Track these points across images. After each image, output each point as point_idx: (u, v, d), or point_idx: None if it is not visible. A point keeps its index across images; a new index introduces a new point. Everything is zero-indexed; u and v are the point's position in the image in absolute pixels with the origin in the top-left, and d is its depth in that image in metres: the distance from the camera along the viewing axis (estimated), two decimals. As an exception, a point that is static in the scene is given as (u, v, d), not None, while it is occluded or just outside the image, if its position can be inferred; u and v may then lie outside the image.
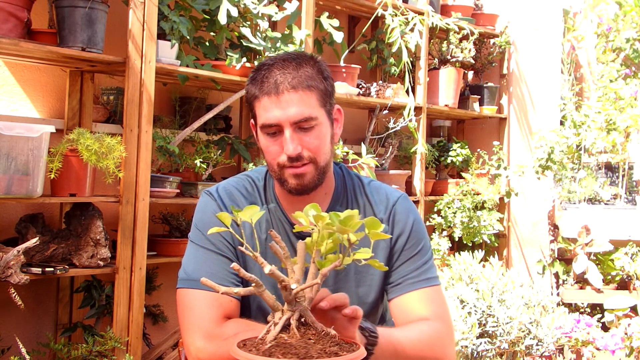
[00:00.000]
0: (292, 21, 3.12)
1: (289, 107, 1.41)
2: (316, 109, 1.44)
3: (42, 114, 2.73)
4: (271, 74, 1.43)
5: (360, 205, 1.58)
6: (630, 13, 4.48)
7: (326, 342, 1.05)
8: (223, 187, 1.59)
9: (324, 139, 1.47)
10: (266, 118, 1.44)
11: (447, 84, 4.08)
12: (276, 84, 1.42)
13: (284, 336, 1.06)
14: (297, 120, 1.42)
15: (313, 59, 1.49)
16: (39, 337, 2.67)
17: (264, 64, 1.47)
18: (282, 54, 1.50)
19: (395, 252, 1.56)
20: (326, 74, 1.49)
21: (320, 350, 1.02)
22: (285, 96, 1.41)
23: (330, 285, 1.52)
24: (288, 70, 1.43)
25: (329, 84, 1.48)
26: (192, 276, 1.47)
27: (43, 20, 2.57)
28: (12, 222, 2.48)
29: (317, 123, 1.44)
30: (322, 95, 1.46)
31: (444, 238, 3.96)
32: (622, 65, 4.55)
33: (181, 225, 2.94)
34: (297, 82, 1.42)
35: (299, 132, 1.43)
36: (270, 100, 1.42)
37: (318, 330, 1.08)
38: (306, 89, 1.43)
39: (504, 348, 3.29)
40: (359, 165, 3.30)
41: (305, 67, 1.45)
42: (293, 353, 1.01)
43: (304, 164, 1.45)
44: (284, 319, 1.08)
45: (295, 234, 1.53)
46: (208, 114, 2.95)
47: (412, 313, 1.51)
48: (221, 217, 1.16)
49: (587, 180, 4.37)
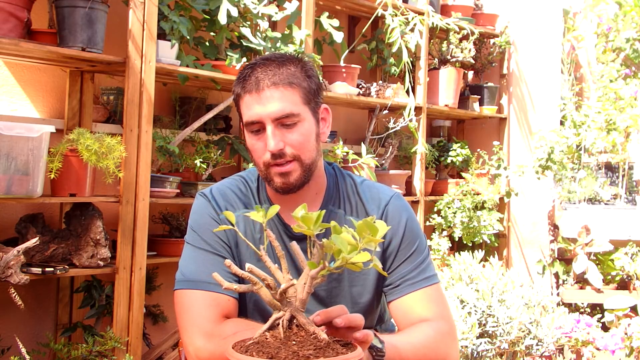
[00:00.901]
0: (292, 21, 3.12)
1: (270, 102, 1.42)
2: (298, 105, 1.45)
3: (42, 114, 2.73)
4: (253, 73, 1.45)
5: (353, 205, 1.58)
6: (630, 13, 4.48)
7: (306, 345, 1.04)
8: (217, 188, 1.59)
9: (308, 136, 1.46)
10: (248, 115, 1.45)
11: (447, 84, 4.08)
12: (257, 80, 1.43)
13: (268, 335, 1.07)
14: (278, 116, 1.43)
15: (298, 59, 1.50)
16: (39, 337, 2.67)
17: (249, 65, 1.49)
18: (267, 54, 1.51)
19: (391, 254, 1.55)
20: (310, 73, 1.49)
21: (293, 352, 1.02)
22: (265, 92, 1.43)
23: (323, 285, 1.52)
24: (270, 68, 1.45)
25: (313, 82, 1.49)
26: (190, 277, 1.47)
27: (43, 20, 2.57)
28: (12, 222, 2.48)
29: (299, 120, 1.45)
30: (306, 93, 1.46)
31: (444, 238, 3.96)
32: (622, 65, 4.55)
33: (181, 225, 2.94)
34: (278, 79, 1.43)
35: (281, 128, 1.44)
36: (252, 98, 1.44)
37: (308, 332, 1.08)
38: (287, 85, 1.44)
39: (504, 348, 3.29)
40: (359, 165, 3.30)
41: (288, 65, 1.46)
42: (265, 352, 1.02)
43: (287, 161, 1.45)
44: (274, 318, 1.09)
45: (287, 235, 1.53)
46: (208, 114, 2.95)
47: (413, 314, 1.51)
48: (226, 216, 1.17)
49: (587, 180, 4.37)
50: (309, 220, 1.06)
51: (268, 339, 1.06)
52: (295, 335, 1.07)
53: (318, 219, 1.06)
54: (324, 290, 1.54)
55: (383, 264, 1.54)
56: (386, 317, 1.70)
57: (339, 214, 1.56)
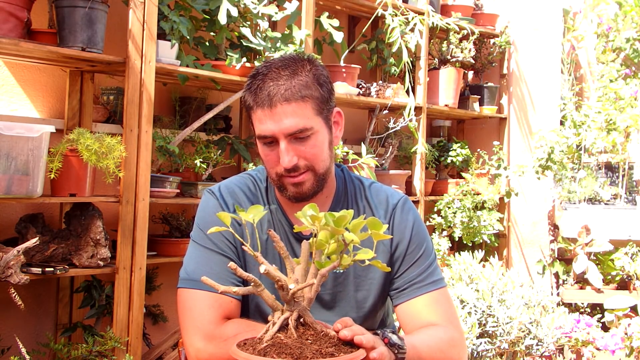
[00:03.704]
0: (292, 21, 3.12)
1: (283, 119, 1.40)
2: (311, 118, 1.42)
3: (42, 114, 2.73)
4: (265, 85, 1.41)
5: (361, 209, 1.57)
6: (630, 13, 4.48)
7: (323, 343, 1.05)
8: (225, 185, 1.58)
9: (321, 147, 1.45)
10: (261, 130, 1.43)
11: (447, 84, 4.08)
12: (269, 96, 1.40)
13: (281, 336, 1.07)
14: (291, 132, 1.41)
15: (310, 62, 1.46)
16: (39, 337, 2.67)
17: (259, 72, 1.45)
18: (277, 60, 1.47)
19: (398, 258, 1.55)
20: (322, 79, 1.46)
21: (316, 350, 1.02)
22: (278, 109, 1.40)
23: (329, 288, 1.52)
24: (281, 80, 1.41)
25: (325, 89, 1.46)
26: (193, 276, 1.47)
27: (43, 20, 2.57)
28: (12, 222, 2.48)
29: (312, 132, 1.43)
30: (318, 103, 1.44)
31: (444, 238, 3.96)
32: (622, 65, 4.55)
33: (181, 225, 2.94)
34: (290, 94, 1.40)
35: (294, 142, 1.42)
36: (264, 113, 1.41)
37: (317, 330, 1.08)
38: (300, 100, 1.40)
39: (504, 348, 3.29)
40: (359, 165, 3.30)
41: (299, 75, 1.42)
42: (288, 353, 1.02)
43: (301, 173, 1.44)
44: (282, 318, 1.08)
45: (294, 236, 1.52)
46: (208, 114, 2.95)
47: (420, 319, 1.50)
48: (221, 217, 1.16)
49: (587, 180, 4.37)
50: (319, 220, 1.07)
51: (283, 339, 1.06)
52: (305, 334, 1.07)
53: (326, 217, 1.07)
54: (329, 294, 1.53)
55: (390, 268, 1.54)
56: (388, 321, 1.69)
57: None
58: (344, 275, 1.53)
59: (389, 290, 1.57)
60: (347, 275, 1.53)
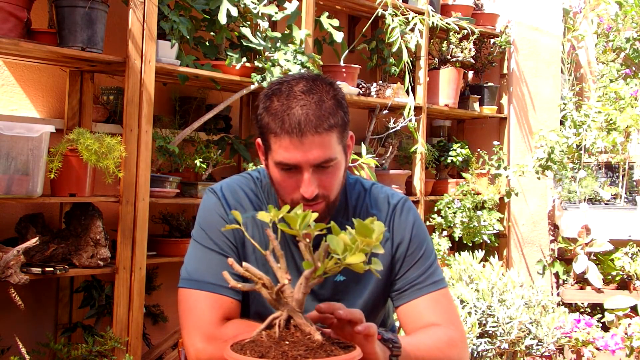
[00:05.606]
0: (292, 21, 3.12)
1: (311, 150, 1.36)
2: (335, 148, 1.40)
3: (42, 114, 2.73)
4: (292, 111, 1.35)
5: (362, 215, 1.56)
6: (630, 13, 4.48)
7: (297, 346, 1.04)
8: (228, 185, 1.57)
9: (339, 176, 1.44)
10: (285, 157, 1.37)
11: (447, 83, 4.08)
12: (299, 125, 1.34)
13: (264, 334, 1.07)
14: (317, 163, 1.38)
15: (330, 85, 1.42)
16: (39, 337, 2.67)
17: (280, 93, 1.39)
18: (297, 81, 1.40)
19: (399, 259, 1.54)
20: (344, 101, 1.43)
21: (283, 352, 1.02)
22: (308, 139, 1.35)
23: (328, 296, 1.51)
24: (310, 107, 1.36)
25: (346, 113, 1.43)
26: (194, 276, 1.46)
27: (43, 20, 2.57)
28: (12, 222, 2.48)
29: (335, 162, 1.41)
30: (341, 132, 1.41)
31: (444, 238, 3.96)
32: (622, 65, 4.56)
33: (181, 225, 2.94)
34: (320, 124, 1.35)
35: (316, 172, 1.39)
36: (292, 142, 1.35)
37: (304, 333, 1.08)
38: (328, 130, 1.37)
39: (504, 348, 3.29)
40: (359, 165, 3.30)
41: (325, 101, 1.38)
42: (256, 351, 1.02)
43: (318, 202, 1.42)
44: (270, 318, 1.09)
45: (293, 240, 1.51)
46: (208, 114, 2.95)
47: (421, 320, 1.50)
48: (234, 215, 1.17)
49: (587, 180, 4.37)
50: (294, 220, 1.06)
51: (263, 338, 1.07)
52: (291, 335, 1.07)
53: (304, 219, 1.06)
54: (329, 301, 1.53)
55: (391, 270, 1.54)
56: (388, 323, 1.69)
57: (347, 225, 1.55)
58: (344, 284, 1.53)
59: (390, 292, 1.56)
60: (347, 282, 1.53)
